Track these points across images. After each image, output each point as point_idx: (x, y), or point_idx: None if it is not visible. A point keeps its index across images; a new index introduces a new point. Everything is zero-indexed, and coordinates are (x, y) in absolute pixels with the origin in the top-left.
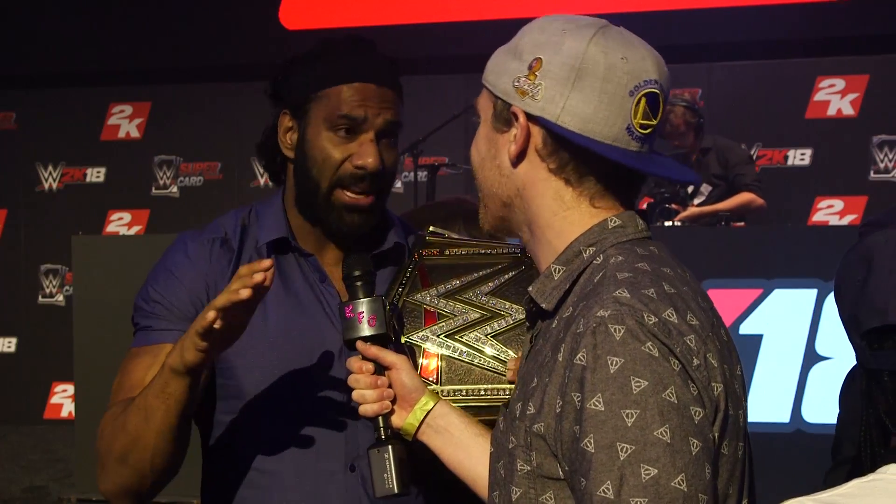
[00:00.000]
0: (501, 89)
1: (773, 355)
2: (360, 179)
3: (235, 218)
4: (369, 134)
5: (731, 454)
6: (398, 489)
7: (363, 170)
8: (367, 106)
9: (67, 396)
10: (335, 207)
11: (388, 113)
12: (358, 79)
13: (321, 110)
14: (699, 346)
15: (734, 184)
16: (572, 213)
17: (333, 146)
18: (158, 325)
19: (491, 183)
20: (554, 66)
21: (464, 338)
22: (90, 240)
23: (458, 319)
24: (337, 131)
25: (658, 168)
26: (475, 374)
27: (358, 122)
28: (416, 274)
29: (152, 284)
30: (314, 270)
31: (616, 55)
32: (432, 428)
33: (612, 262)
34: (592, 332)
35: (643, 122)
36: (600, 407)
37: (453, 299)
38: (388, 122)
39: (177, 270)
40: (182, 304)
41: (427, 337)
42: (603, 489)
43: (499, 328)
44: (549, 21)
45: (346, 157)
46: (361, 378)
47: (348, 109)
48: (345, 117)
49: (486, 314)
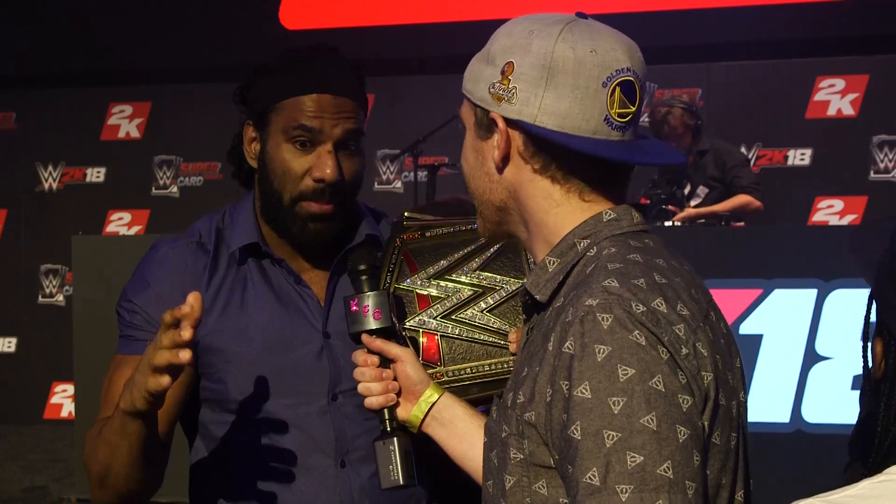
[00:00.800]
0: (479, 96)
1: (773, 355)
2: (320, 192)
3: (210, 222)
4: (327, 145)
5: (723, 444)
6: (404, 481)
7: (322, 182)
8: (322, 117)
9: (67, 396)
10: (299, 218)
11: (346, 122)
12: (314, 89)
13: (280, 121)
14: (688, 336)
15: (731, 186)
16: (563, 209)
17: (293, 158)
18: (137, 334)
19: (483, 190)
20: (525, 67)
21: (460, 316)
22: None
23: (452, 299)
24: (294, 143)
25: (640, 156)
26: (476, 350)
27: (314, 132)
28: (402, 259)
29: (130, 293)
30: (288, 273)
31: (584, 49)
32: (437, 420)
33: (605, 254)
34: (580, 320)
35: (620, 110)
36: (587, 394)
37: (443, 280)
38: (347, 132)
39: (152, 279)
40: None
41: (424, 321)
42: (589, 476)
43: (493, 302)
44: (517, 23)
45: (305, 169)
46: (367, 371)
47: (304, 120)
48: (300, 128)
49: (479, 290)
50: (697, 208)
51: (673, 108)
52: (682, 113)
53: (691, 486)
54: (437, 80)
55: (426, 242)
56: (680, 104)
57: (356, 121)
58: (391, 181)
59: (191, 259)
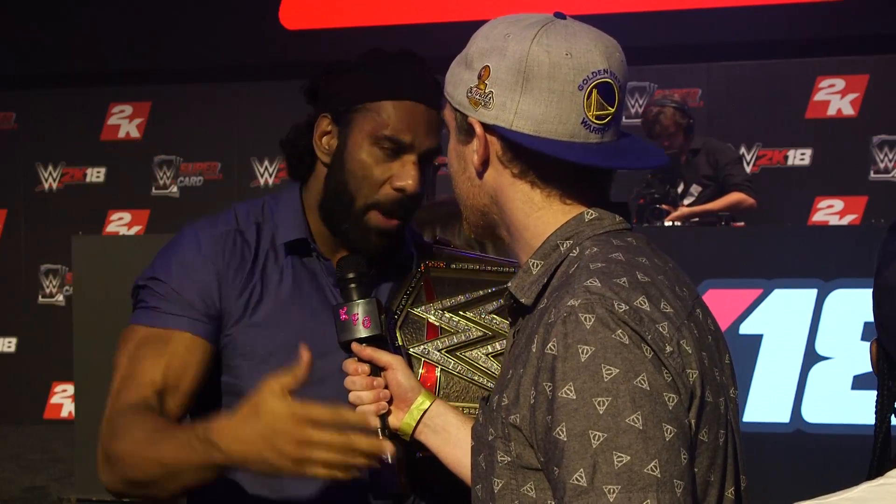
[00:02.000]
0: (458, 100)
1: (773, 355)
2: (397, 203)
3: (247, 212)
4: (412, 156)
5: (710, 441)
6: (397, 489)
7: (402, 192)
8: (414, 130)
9: (67, 396)
10: (365, 227)
11: (433, 139)
12: (406, 96)
13: (366, 124)
14: (672, 334)
15: (724, 184)
16: (544, 212)
17: (375, 163)
18: (168, 308)
19: (466, 195)
20: (501, 72)
21: (464, 355)
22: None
23: (461, 336)
24: (381, 149)
25: (618, 159)
26: (472, 391)
27: (404, 145)
28: (422, 286)
29: (164, 273)
30: (329, 275)
31: (560, 52)
32: (429, 427)
33: (588, 254)
34: (563, 321)
35: (598, 113)
36: (572, 395)
37: (457, 315)
38: (430, 149)
39: (190, 266)
40: (194, 299)
41: (428, 351)
42: (576, 477)
43: (500, 348)
44: (494, 26)
45: (386, 177)
46: (357, 380)
47: (395, 132)
48: (390, 139)
49: (488, 333)
50: (691, 207)
51: (664, 108)
52: (674, 112)
53: (679, 484)
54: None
55: (450, 274)
56: (671, 104)
57: (438, 137)
58: None
59: (229, 248)
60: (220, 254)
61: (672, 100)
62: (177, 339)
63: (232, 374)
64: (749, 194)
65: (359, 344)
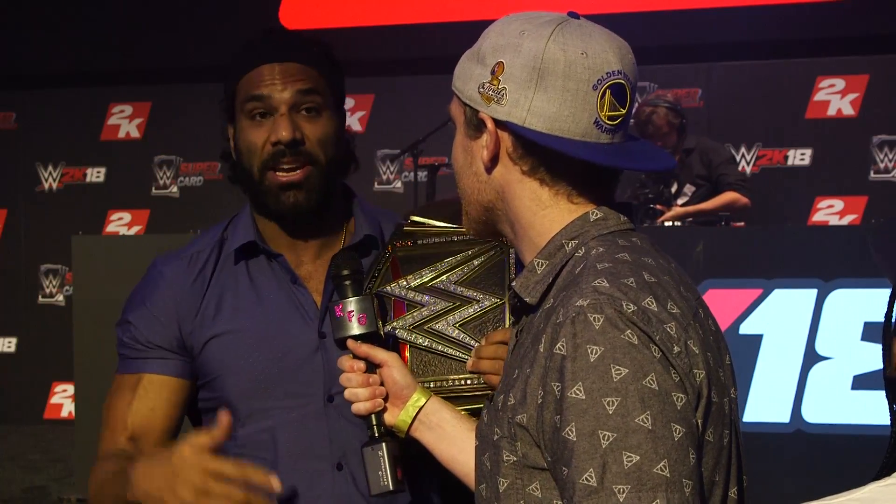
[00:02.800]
0: (468, 95)
1: (773, 355)
2: (281, 155)
3: (216, 230)
4: (280, 109)
5: (716, 441)
6: (393, 486)
7: (279, 144)
8: (271, 85)
9: (67, 396)
10: (270, 190)
11: (296, 84)
12: (257, 62)
13: (238, 104)
14: (680, 334)
15: (718, 183)
16: (551, 211)
17: (253, 131)
18: (135, 353)
19: (471, 190)
20: (515, 68)
21: (431, 328)
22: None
23: (426, 310)
24: (252, 117)
25: (628, 160)
26: (441, 363)
27: (264, 99)
28: (388, 266)
29: (128, 314)
30: (285, 272)
31: (576, 51)
32: (425, 424)
33: (594, 254)
34: (572, 321)
35: (611, 113)
36: (581, 395)
37: (422, 289)
38: (297, 92)
39: (147, 299)
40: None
41: (395, 329)
42: (586, 477)
43: (465, 316)
44: (509, 22)
45: (265, 138)
46: (353, 377)
47: (253, 90)
48: (251, 99)
49: (454, 303)
50: (685, 207)
51: (657, 108)
52: (667, 112)
53: (688, 484)
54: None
55: (416, 251)
56: (664, 103)
57: (307, 82)
58: (391, 181)
59: (184, 272)
60: (176, 281)
61: (665, 99)
62: (145, 383)
63: (208, 388)
64: (743, 193)
65: (354, 341)
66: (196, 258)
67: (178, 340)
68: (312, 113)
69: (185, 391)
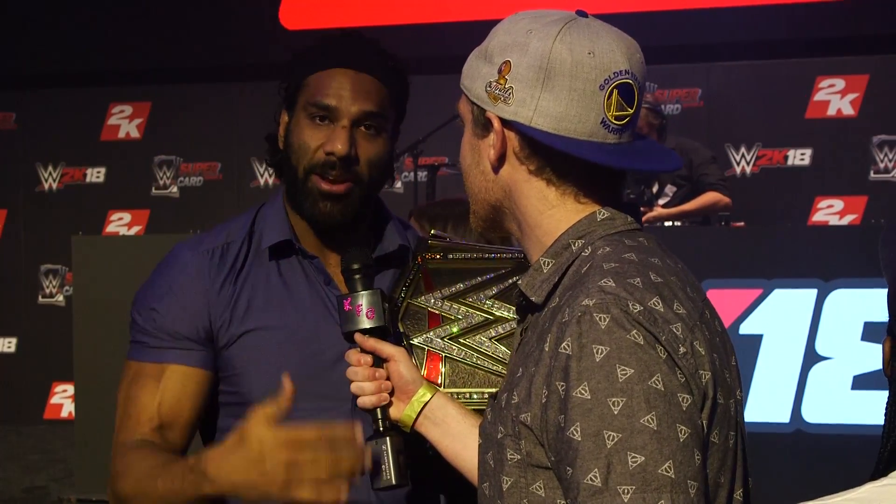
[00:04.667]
0: (476, 94)
1: (773, 355)
2: (331, 166)
3: (243, 223)
4: (343, 121)
5: (721, 443)
6: (396, 481)
7: (332, 156)
8: (340, 95)
9: (67, 396)
10: (310, 194)
11: (366, 103)
12: (335, 65)
13: (303, 99)
14: (686, 335)
15: (699, 184)
16: (558, 210)
17: (309, 133)
18: (158, 342)
19: (478, 188)
20: (522, 68)
21: (468, 341)
22: (90, 240)
23: (462, 322)
24: (313, 118)
25: (635, 161)
26: (478, 376)
27: (330, 109)
28: (420, 277)
29: (152, 300)
30: (318, 273)
31: (582, 51)
32: (430, 419)
33: (600, 254)
34: (577, 321)
35: (618, 113)
36: (586, 395)
37: (457, 302)
38: (364, 112)
39: (176, 286)
40: (183, 326)
41: (431, 339)
42: (590, 477)
43: (502, 332)
44: (516, 21)
45: (319, 143)
46: (360, 370)
47: (321, 97)
48: (316, 105)
49: (490, 318)
50: (667, 208)
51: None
52: (647, 113)
53: (693, 485)
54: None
55: (447, 265)
56: (644, 104)
57: (376, 100)
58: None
59: (216, 264)
60: (205, 272)
61: (644, 101)
62: (169, 373)
63: (230, 383)
64: (724, 194)
65: (362, 335)
66: (227, 250)
67: (206, 332)
68: (372, 131)
69: (209, 382)
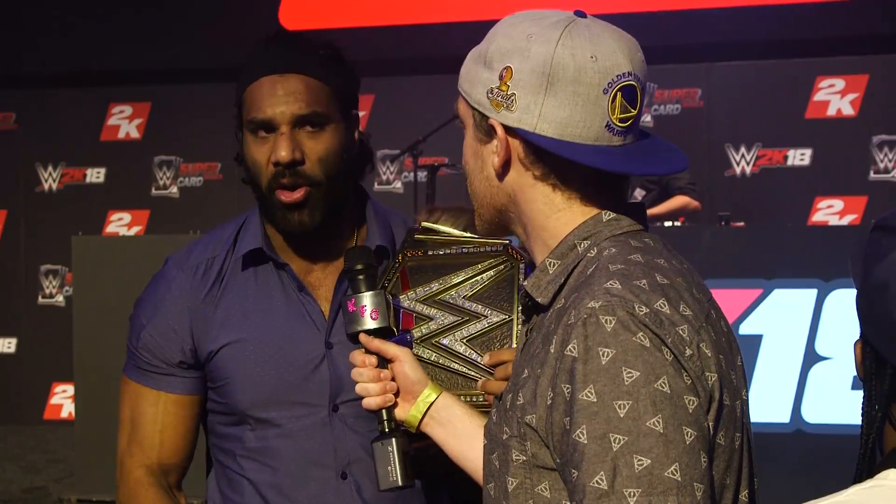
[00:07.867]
0: (476, 100)
1: (773, 355)
2: (281, 175)
3: (232, 230)
4: (280, 128)
5: (727, 444)
6: (402, 482)
7: (279, 165)
8: (272, 104)
9: (67, 397)
10: (276, 208)
11: (297, 104)
12: (261, 74)
13: (244, 118)
14: (692, 336)
15: (668, 188)
16: (564, 214)
17: (256, 149)
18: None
19: (483, 193)
20: (524, 74)
21: (437, 342)
22: (90, 240)
23: (434, 323)
24: (256, 134)
25: (641, 164)
26: (444, 378)
27: (266, 122)
28: (398, 277)
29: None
30: (291, 280)
31: (585, 55)
32: (435, 420)
33: (606, 255)
34: (583, 323)
35: (622, 115)
36: (592, 398)
37: (431, 302)
38: (298, 115)
39: (162, 306)
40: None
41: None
42: (596, 480)
43: (473, 331)
44: (514, 24)
45: (268, 157)
46: (365, 371)
47: (255, 112)
48: (253, 122)
49: (462, 318)
50: None
51: None
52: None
53: (699, 487)
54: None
55: (426, 262)
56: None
57: (308, 98)
58: (391, 181)
59: (199, 281)
60: (188, 290)
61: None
62: (165, 401)
63: (217, 392)
64: (693, 197)
65: (367, 336)
66: (211, 265)
67: (192, 353)
68: (316, 128)
69: (202, 404)
